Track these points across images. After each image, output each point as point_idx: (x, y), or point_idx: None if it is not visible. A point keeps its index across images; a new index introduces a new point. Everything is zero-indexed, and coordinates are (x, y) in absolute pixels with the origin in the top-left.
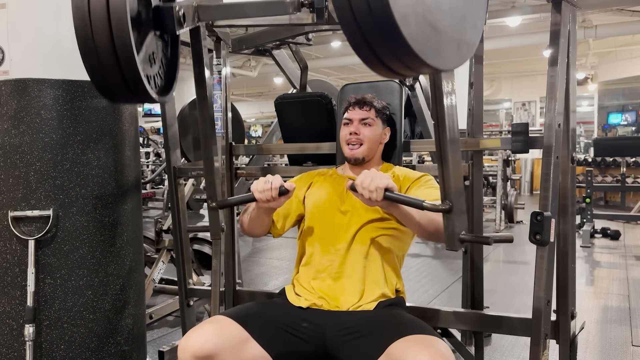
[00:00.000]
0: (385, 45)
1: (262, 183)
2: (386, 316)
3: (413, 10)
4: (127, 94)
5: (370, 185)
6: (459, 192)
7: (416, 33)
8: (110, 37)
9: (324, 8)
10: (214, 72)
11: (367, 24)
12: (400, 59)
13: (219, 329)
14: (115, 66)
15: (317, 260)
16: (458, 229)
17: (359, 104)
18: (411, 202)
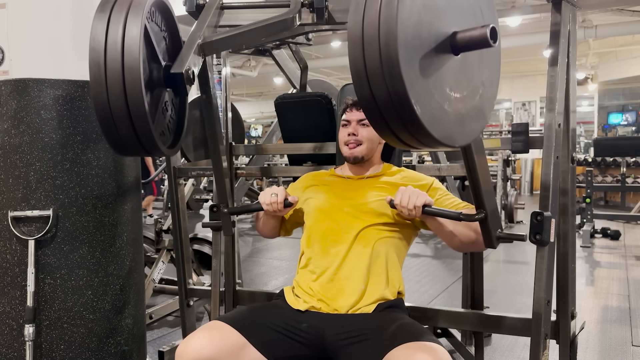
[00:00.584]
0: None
1: (268, 195)
2: (385, 320)
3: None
4: (140, 151)
5: (409, 204)
6: (490, 198)
7: (433, 117)
8: (125, 104)
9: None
10: (214, 72)
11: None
12: (420, 141)
13: (216, 335)
14: (132, 132)
15: (317, 262)
16: (494, 229)
17: (356, 105)
18: (449, 215)
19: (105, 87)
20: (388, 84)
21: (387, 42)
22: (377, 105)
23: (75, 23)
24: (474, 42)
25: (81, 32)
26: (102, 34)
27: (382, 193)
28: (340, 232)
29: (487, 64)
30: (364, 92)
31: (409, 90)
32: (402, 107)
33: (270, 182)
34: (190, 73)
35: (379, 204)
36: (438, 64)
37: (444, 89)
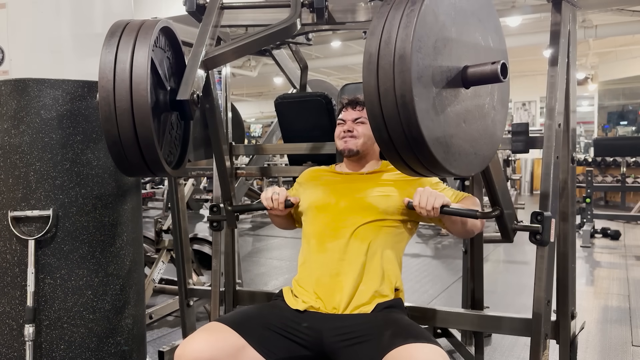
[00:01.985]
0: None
1: (270, 195)
2: (384, 321)
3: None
4: (146, 172)
5: (428, 205)
6: (505, 195)
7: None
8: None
9: (324, 8)
10: (214, 72)
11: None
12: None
13: (216, 336)
14: (138, 154)
15: (315, 258)
16: (510, 223)
17: (352, 105)
18: (467, 214)
19: (114, 116)
20: (404, 125)
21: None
22: (395, 146)
23: (75, 23)
24: (485, 78)
25: (81, 32)
26: (112, 61)
27: (382, 189)
28: (338, 227)
29: (498, 88)
30: (381, 135)
31: (424, 130)
32: (417, 147)
33: (271, 182)
34: (195, 97)
35: (378, 200)
36: (450, 99)
37: (456, 122)
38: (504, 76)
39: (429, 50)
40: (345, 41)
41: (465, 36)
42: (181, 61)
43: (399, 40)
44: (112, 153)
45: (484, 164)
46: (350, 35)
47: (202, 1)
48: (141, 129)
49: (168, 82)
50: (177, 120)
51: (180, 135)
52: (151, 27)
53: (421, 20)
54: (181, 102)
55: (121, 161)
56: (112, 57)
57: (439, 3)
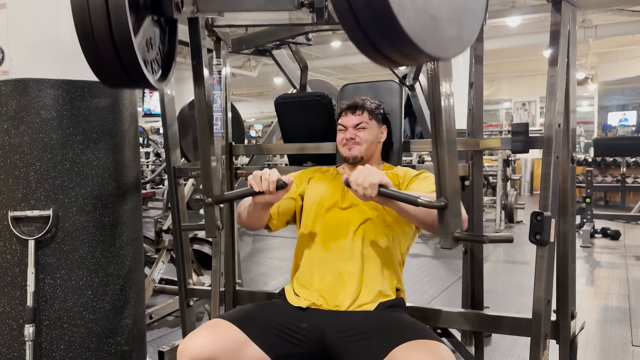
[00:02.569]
0: (384, 35)
1: (259, 176)
2: (387, 319)
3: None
4: (125, 79)
5: (365, 182)
6: (454, 189)
7: (414, 23)
8: (107, 22)
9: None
10: (214, 72)
11: (365, 17)
12: (399, 49)
13: (218, 332)
14: (113, 51)
15: (317, 257)
16: (453, 227)
17: (351, 109)
18: (406, 199)
19: (87, 9)
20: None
21: None
22: (354, 12)
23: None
24: None
25: None
26: None
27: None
28: (341, 227)
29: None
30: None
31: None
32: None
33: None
34: (179, 0)
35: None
36: None
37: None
38: None
39: None
40: (345, 41)
41: None
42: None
43: None
44: (87, 55)
45: (458, 43)
46: None
47: None
48: (116, 21)
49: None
50: (160, 29)
51: (165, 44)
52: None
53: None
54: (162, 1)
55: (98, 65)
56: None
57: None
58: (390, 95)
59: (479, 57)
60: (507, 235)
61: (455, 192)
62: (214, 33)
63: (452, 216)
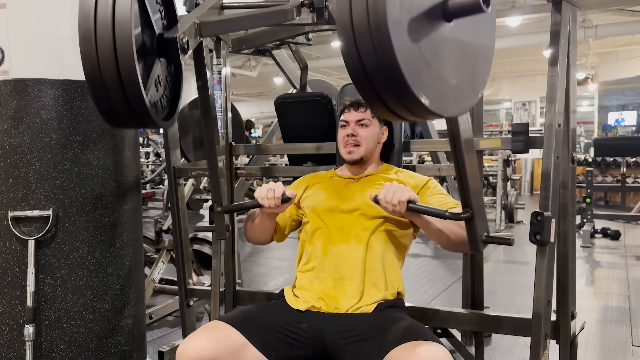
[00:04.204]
0: (395, 96)
1: (265, 191)
2: (386, 320)
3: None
4: (131, 121)
5: (393, 199)
6: (478, 198)
7: (423, 83)
8: (116, 69)
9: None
10: (214, 72)
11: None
12: (408, 109)
13: (217, 335)
14: (121, 96)
15: (318, 261)
16: (480, 231)
17: (354, 106)
18: (434, 213)
19: (95, 47)
20: (377, 48)
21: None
22: (365, 70)
23: (75, 23)
24: (466, 7)
25: None
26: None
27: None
28: (340, 231)
29: (481, 36)
30: (352, 59)
31: (399, 58)
32: (390, 71)
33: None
34: (185, 42)
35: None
36: (429, 29)
37: (434, 55)
38: (487, 5)
39: None
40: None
41: None
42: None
43: None
44: (96, 99)
45: (460, 108)
46: None
47: (202, 1)
48: (125, 68)
49: (157, 28)
50: (166, 77)
51: (171, 85)
52: None
53: None
54: (169, 44)
55: (106, 108)
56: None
57: None
58: None
59: None
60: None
61: (478, 199)
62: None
63: (479, 222)
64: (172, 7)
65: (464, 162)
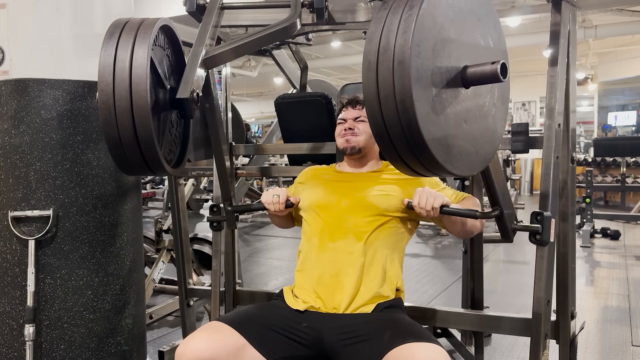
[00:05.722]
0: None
1: (270, 197)
2: (385, 320)
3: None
4: (146, 171)
5: (427, 205)
6: (504, 195)
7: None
8: (133, 128)
9: (324, 8)
10: (214, 72)
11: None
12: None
13: (216, 335)
14: (138, 153)
15: (316, 258)
16: (510, 223)
17: (352, 104)
18: (467, 214)
19: (114, 116)
20: (404, 129)
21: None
22: (396, 150)
23: (75, 23)
24: (484, 78)
25: (81, 32)
26: (111, 61)
27: (382, 188)
28: (339, 227)
29: (499, 86)
30: (383, 140)
31: (424, 133)
32: (418, 150)
33: (270, 182)
34: (195, 96)
35: (378, 199)
36: (450, 100)
37: (457, 123)
38: (504, 76)
39: (428, 53)
40: (345, 41)
41: (464, 36)
42: (181, 60)
43: (398, 46)
44: (113, 154)
45: (485, 163)
46: (350, 35)
47: (202, 1)
48: (141, 129)
49: (168, 81)
50: (176, 119)
51: (180, 134)
52: (151, 25)
53: (419, 25)
54: (181, 101)
55: (122, 161)
56: (111, 57)
57: (437, 5)
58: None
59: None
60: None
61: (505, 196)
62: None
63: (508, 216)
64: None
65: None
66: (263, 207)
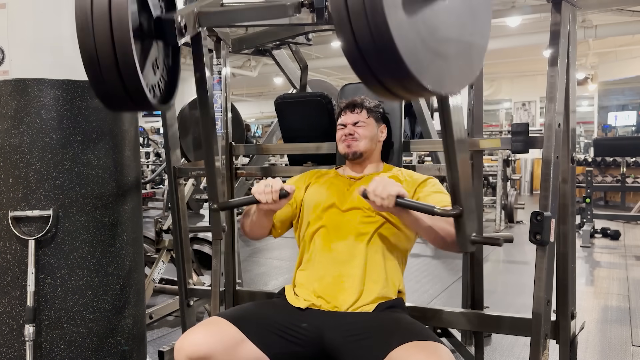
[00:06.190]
0: (389, 73)
1: (262, 186)
2: (387, 319)
3: (416, 38)
4: (128, 104)
5: (382, 193)
6: (468, 196)
7: (419, 61)
8: (112, 50)
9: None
10: (214, 72)
11: (370, 54)
12: (403, 85)
13: (214, 330)
14: (118, 78)
15: (318, 260)
16: (469, 231)
17: (350, 107)
18: (422, 208)
19: (92, 32)
20: (372, 30)
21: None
22: (363, 55)
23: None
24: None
25: None
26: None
27: None
28: (341, 229)
29: (477, 12)
30: (349, 44)
31: (394, 34)
32: (386, 53)
33: None
34: (182, 25)
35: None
36: (423, 3)
37: (430, 30)
38: None
39: None
40: None
41: None
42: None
43: None
44: (91, 77)
45: (461, 80)
46: None
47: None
48: (121, 49)
49: (154, 11)
50: (164, 51)
51: (169, 68)
52: None
53: None
54: (166, 26)
55: (101, 89)
56: None
57: None
58: None
59: None
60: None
61: (469, 197)
62: (214, 33)
63: (468, 221)
64: None
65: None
66: (253, 200)
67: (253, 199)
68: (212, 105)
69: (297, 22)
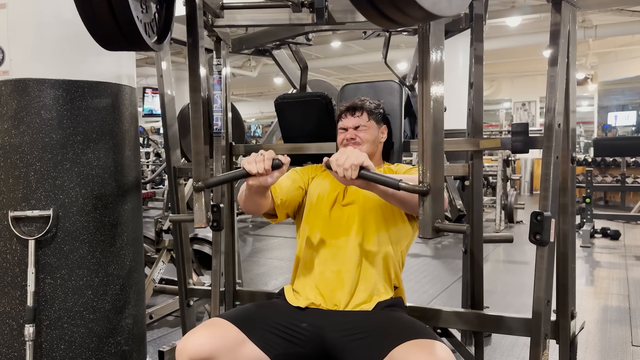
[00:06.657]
0: None
1: (253, 156)
2: (386, 318)
3: None
4: (121, 40)
5: (345, 163)
6: (438, 175)
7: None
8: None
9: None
10: (214, 72)
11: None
12: (398, 6)
13: (216, 331)
14: (109, 12)
15: (317, 254)
16: (434, 216)
17: (350, 111)
18: (386, 182)
19: None
20: None
21: None
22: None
23: (75, 23)
24: None
25: (81, 32)
26: None
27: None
28: (339, 224)
29: None
30: None
31: None
32: None
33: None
34: None
35: (379, 199)
36: None
37: None
38: None
39: None
40: (345, 41)
41: None
42: None
43: None
44: (81, 12)
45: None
46: (350, 35)
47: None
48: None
49: None
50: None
51: (163, 8)
52: None
53: None
54: None
55: (92, 24)
56: None
57: None
58: (390, 95)
59: (479, 57)
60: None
61: (439, 179)
62: (214, 33)
63: (433, 203)
64: None
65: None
66: (243, 174)
67: (243, 172)
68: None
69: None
